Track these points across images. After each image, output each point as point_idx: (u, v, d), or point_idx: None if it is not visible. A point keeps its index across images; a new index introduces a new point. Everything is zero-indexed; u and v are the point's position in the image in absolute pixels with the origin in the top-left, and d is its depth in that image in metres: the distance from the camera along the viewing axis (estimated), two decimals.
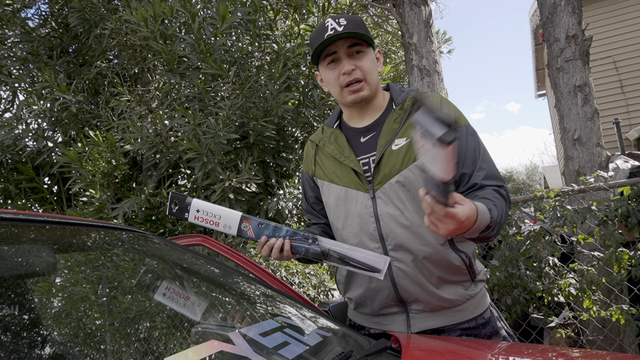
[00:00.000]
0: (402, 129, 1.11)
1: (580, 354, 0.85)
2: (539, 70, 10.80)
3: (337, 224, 1.18)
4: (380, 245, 1.09)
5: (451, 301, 1.10)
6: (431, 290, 1.08)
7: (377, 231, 1.09)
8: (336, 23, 1.08)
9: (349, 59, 1.11)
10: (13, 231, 0.99)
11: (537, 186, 22.26)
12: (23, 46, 3.46)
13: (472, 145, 1.09)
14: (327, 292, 5.17)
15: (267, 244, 1.07)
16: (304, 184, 1.32)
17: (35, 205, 3.70)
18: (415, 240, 1.06)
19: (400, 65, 5.38)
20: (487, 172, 1.07)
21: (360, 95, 1.12)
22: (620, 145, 5.83)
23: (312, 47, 1.12)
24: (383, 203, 1.08)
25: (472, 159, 1.08)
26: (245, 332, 0.88)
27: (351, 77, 1.10)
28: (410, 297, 1.10)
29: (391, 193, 1.08)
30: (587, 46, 2.94)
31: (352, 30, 1.07)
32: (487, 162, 1.09)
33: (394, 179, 1.07)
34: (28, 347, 0.73)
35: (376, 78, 1.15)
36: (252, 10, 3.18)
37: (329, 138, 1.21)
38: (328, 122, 1.27)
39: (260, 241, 1.07)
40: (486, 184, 1.06)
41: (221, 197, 2.98)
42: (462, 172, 1.08)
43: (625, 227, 2.13)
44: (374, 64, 1.14)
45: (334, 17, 1.10)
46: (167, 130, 3.07)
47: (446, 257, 1.07)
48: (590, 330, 2.54)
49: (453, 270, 1.09)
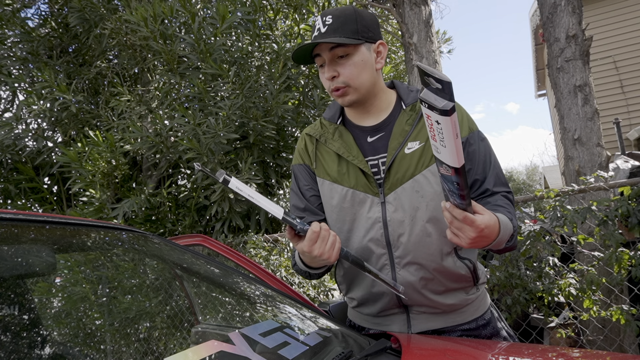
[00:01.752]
0: (414, 132, 1.06)
1: (581, 354, 0.85)
2: (539, 70, 10.80)
3: (342, 226, 1.12)
4: (386, 251, 1.06)
5: (453, 305, 1.09)
6: (433, 298, 1.07)
7: (384, 237, 1.05)
8: (322, 22, 1.02)
9: (332, 64, 1.04)
10: (13, 231, 0.99)
11: (537, 186, 22.26)
12: (23, 46, 3.46)
13: (483, 150, 1.07)
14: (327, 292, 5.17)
15: (321, 234, 0.92)
16: (300, 178, 1.20)
17: (35, 205, 3.70)
18: (422, 248, 1.04)
19: (400, 65, 5.38)
20: (497, 179, 1.06)
21: (347, 99, 1.06)
22: (621, 145, 5.82)
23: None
24: (393, 208, 1.04)
25: (483, 164, 1.06)
26: (245, 332, 0.88)
27: (334, 84, 1.05)
28: (412, 302, 1.09)
29: (403, 198, 1.03)
30: (587, 46, 2.94)
31: (331, 34, 1.00)
32: (497, 168, 1.08)
33: (407, 184, 1.03)
34: (28, 347, 0.73)
35: (366, 80, 1.06)
36: (252, 10, 3.18)
37: (332, 134, 1.13)
38: (329, 117, 1.17)
39: (313, 229, 0.91)
40: (496, 191, 1.05)
41: (221, 197, 2.98)
42: (474, 178, 1.06)
43: (625, 227, 2.13)
44: (363, 66, 1.04)
45: (324, 14, 1.02)
46: (167, 130, 3.07)
47: (452, 265, 1.05)
48: (590, 330, 2.54)
49: (459, 280, 1.07)
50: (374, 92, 1.10)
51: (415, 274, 1.05)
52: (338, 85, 1.04)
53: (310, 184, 1.18)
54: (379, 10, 4.85)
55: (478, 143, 1.07)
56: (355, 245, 1.10)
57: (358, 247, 1.09)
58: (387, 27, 4.84)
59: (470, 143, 1.06)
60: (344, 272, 1.18)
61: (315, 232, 0.91)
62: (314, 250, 0.92)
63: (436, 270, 1.05)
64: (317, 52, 1.05)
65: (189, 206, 3.51)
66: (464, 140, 1.06)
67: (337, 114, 1.17)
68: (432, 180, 1.03)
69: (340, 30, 1.01)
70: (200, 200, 3.34)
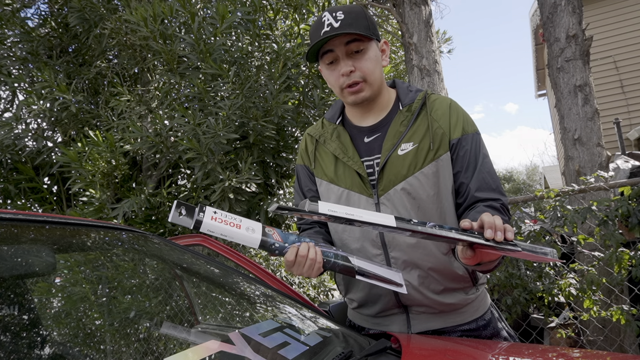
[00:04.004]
0: (408, 133, 1.05)
1: (581, 354, 0.85)
2: (539, 70, 10.80)
3: (338, 227, 1.13)
4: (382, 252, 1.06)
5: (452, 305, 1.09)
6: (432, 297, 1.07)
7: (379, 238, 1.06)
8: (333, 18, 0.99)
9: (347, 58, 1.02)
10: (13, 231, 0.99)
11: (537, 186, 22.25)
12: (23, 46, 3.46)
13: (473, 154, 1.05)
14: (327, 292, 5.17)
15: (296, 261, 0.90)
16: (301, 179, 1.21)
17: (35, 205, 3.70)
18: (419, 249, 1.04)
19: (400, 65, 5.38)
20: (483, 183, 1.02)
21: (361, 96, 1.05)
22: (621, 145, 5.83)
23: (310, 44, 1.03)
24: (387, 209, 1.04)
25: (472, 168, 1.04)
26: (245, 332, 0.87)
27: (350, 79, 1.03)
28: (412, 302, 1.09)
29: (396, 200, 1.03)
30: (587, 46, 2.94)
31: (347, 29, 0.98)
32: (484, 172, 1.04)
33: (399, 186, 1.03)
34: (28, 347, 0.73)
35: (379, 76, 1.06)
36: (252, 10, 3.18)
37: (331, 134, 1.14)
38: (329, 117, 1.19)
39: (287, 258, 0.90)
40: (480, 197, 1.02)
41: (221, 197, 2.98)
42: (461, 181, 1.04)
43: (625, 227, 2.13)
44: (376, 61, 1.05)
45: (331, 10, 1.01)
46: (167, 130, 3.07)
47: (449, 266, 1.05)
48: (590, 330, 2.54)
49: (456, 279, 1.07)
50: (380, 90, 1.11)
51: (413, 273, 1.05)
52: (356, 79, 1.03)
53: (309, 186, 1.20)
54: (379, 10, 4.85)
55: (470, 145, 1.05)
56: (352, 246, 1.10)
57: (354, 247, 1.10)
58: (387, 27, 4.84)
59: (463, 145, 1.05)
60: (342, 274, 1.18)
61: (289, 260, 0.90)
62: (293, 272, 0.93)
63: (433, 269, 1.05)
64: (330, 47, 1.03)
65: None
66: (455, 142, 1.05)
67: (336, 114, 1.17)
68: (424, 182, 1.02)
69: (355, 25, 1.00)
70: (200, 200, 3.34)
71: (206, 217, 0.85)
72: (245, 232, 0.87)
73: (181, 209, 0.84)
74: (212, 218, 0.85)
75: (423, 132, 1.05)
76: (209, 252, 2.23)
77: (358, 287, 1.15)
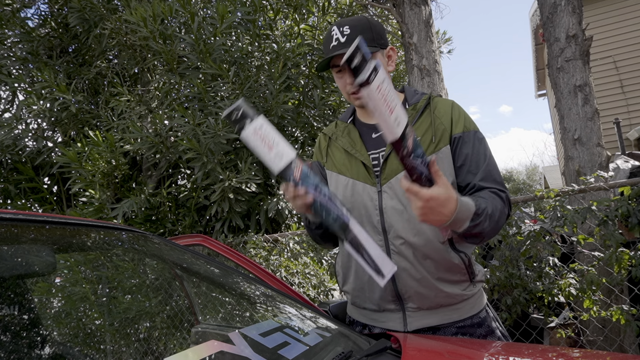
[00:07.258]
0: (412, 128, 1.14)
1: (581, 354, 0.85)
2: (539, 70, 10.80)
3: None
4: (382, 237, 1.12)
5: (449, 296, 1.11)
6: (431, 282, 1.10)
7: (380, 224, 1.12)
8: (340, 33, 1.11)
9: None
10: (13, 231, 0.99)
11: (537, 186, 22.27)
12: (23, 46, 3.46)
13: (477, 150, 1.11)
14: (327, 292, 5.17)
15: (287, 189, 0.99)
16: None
17: (35, 205, 3.70)
18: (416, 235, 1.09)
19: (400, 65, 5.38)
20: (488, 174, 1.10)
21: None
22: (621, 145, 5.83)
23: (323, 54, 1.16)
24: (388, 197, 1.12)
25: (477, 163, 1.10)
26: (245, 332, 0.88)
27: (353, 88, 1.13)
28: (408, 292, 1.12)
29: (397, 188, 1.11)
30: (587, 46, 2.94)
31: (350, 45, 1.06)
32: (490, 166, 1.11)
33: (401, 174, 1.10)
34: (28, 347, 0.73)
35: None
36: (252, 10, 3.18)
37: (342, 132, 1.26)
38: (342, 118, 1.31)
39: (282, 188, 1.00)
40: (483, 185, 1.08)
41: (221, 197, 2.98)
42: (467, 176, 1.11)
43: (625, 227, 2.13)
44: None
45: (339, 25, 1.12)
46: (167, 130, 3.07)
47: (446, 255, 1.09)
48: (590, 330, 2.54)
49: (452, 269, 1.11)
50: None
51: (412, 259, 1.10)
52: None
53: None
54: (379, 10, 4.85)
55: (473, 142, 1.12)
56: None
57: None
58: (387, 27, 4.84)
59: (465, 141, 1.12)
60: (342, 262, 1.24)
61: (287, 198, 1.01)
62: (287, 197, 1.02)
63: (430, 257, 1.10)
64: (337, 60, 1.14)
65: (188, 206, 3.51)
66: (457, 137, 1.13)
67: (348, 115, 1.31)
68: None
69: None
70: (200, 200, 3.34)
71: (250, 128, 0.90)
72: (272, 156, 0.92)
73: (238, 111, 0.89)
74: (255, 132, 0.91)
75: (426, 127, 1.14)
76: (209, 252, 2.23)
77: (355, 275, 1.20)
